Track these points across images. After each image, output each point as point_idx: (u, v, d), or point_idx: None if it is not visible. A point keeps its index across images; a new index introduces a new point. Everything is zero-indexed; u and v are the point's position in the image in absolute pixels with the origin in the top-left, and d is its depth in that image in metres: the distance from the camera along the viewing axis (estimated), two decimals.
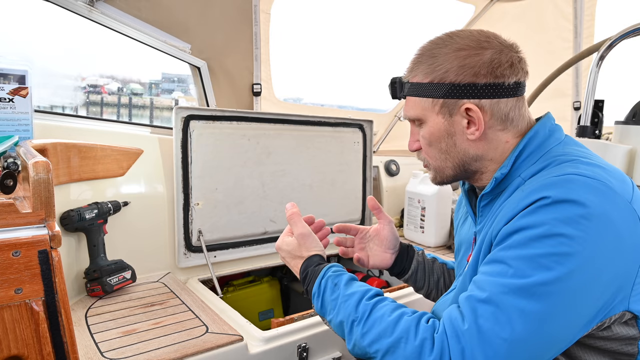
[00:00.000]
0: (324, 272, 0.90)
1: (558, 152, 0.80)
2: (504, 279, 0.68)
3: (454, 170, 0.87)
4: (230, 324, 1.25)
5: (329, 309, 0.86)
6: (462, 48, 0.81)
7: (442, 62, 0.82)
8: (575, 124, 1.64)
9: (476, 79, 0.80)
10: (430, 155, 0.89)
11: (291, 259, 0.98)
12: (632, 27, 1.42)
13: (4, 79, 1.16)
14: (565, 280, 0.65)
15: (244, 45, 2.02)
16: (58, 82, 13.22)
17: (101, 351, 1.09)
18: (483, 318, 0.67)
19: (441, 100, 0.82)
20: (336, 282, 0.87)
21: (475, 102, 0.81)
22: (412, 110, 0.88)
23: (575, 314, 0.68)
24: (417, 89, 0.85)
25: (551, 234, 0.66)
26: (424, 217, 2.16)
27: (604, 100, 1.54)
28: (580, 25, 2.83)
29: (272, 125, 1.84)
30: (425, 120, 0.86)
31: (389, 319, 0.76)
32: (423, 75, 0.84)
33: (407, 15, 3.05)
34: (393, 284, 2.05)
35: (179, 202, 1.64)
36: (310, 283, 0.91)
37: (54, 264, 0.74)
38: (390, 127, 2.63)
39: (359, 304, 0.80)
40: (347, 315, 0.81)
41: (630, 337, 0.73)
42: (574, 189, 0.68)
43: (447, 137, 0.85)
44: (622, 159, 1.36)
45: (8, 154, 1.07)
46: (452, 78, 0.81)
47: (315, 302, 0.89)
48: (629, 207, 0.70)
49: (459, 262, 1.02)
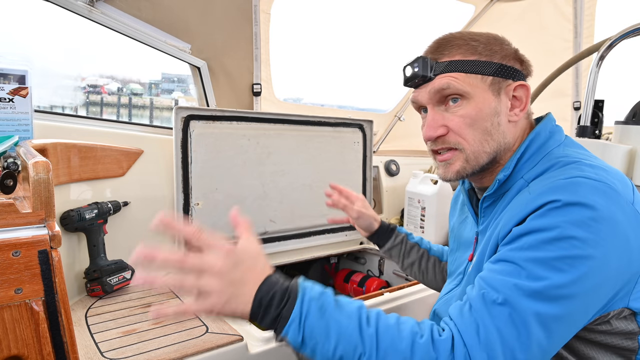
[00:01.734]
0: (302, 294, 0.68)
1: (559, 154, 0.81)
2: (518, 280, 0.68)
3: (489, 156, 0.83)
4: (230, 324, 1.25)
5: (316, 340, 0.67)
6: (495, 38, 0.85)
7: (486, 44, 0.83)
8: (575, 124, 1.64)
9: (515, 63, 0.85)
10: (469, 137, 0.82)
11: (241, 283, 0.67)
12: (632, 27, 1.42)
13: (4, 79, 1.16)
14: (579, 282, 0.66)
15: (244, 45, 2.02)
16: (58, 82, 13.23)
17: (101, 351, 1.09)
18: (501, 322, 0.66)
19: (491, 77, 0.82)
20: (321, 305, 0.68)
21: (523, 82, 0.84)
22: (455, 85, 0.81)
23: (585, 314, 0.69)
24: (463, 65, 0.81)
25: (563, 236, 0.66)
26: (424, 217, 2.16)
27: (604, 100, 1.54)
28: (580, 25, 2.83)
29: (272, 125, 1.84)
30: (472, 96, 0.81)
31: (402, 347, 0.67)
32: (466, 54, 0.82)
33: (407, 15, 3.05)
34: (393, 284, 2.05)
35: (179, 202, 1.64)
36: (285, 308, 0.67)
37: (54, 264, 0.74)
38: (390, 127, 2.63)
39: (362, 334, 0.67)
40: (351, 348, 0.67)
41: (630, 332, 0.74)
42: (582, 192, 0.68)
43: (494, 115, 0.82)
44: (622, 159, 1.36)
45: (8, 154, 1.07)
46: (499, 58, 0.83)
47: (295, 331, 0.67)
48: (632, 208, 0.71)
49: (456, 260, 1.02)
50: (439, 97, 0.84)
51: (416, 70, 0.83)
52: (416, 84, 0.86)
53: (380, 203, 2.42)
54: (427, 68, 0.83)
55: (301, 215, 1.96)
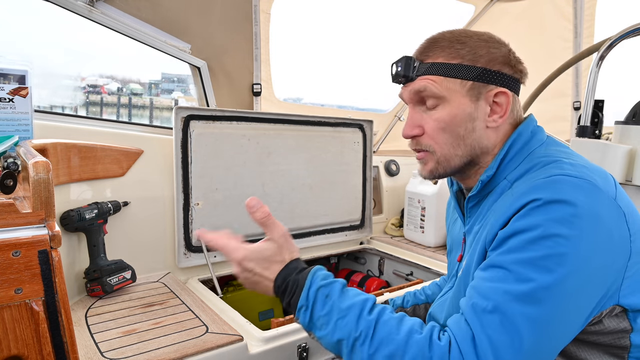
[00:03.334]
0: (310, 281, 0.78)
1: (541, 154, 0.81)
2: (506, 284, 0.68)
3: (462, 160, 0.85)
4: (230, 324, 1.25)
5: (320, 325, 0.76)
6: (486, 40, 0.83)
7: (472, 47, 0.82)
8: (575, 124, 1.64)
9: (503, 68, 0.82)
10: (440, 140, 0.84)
11: (265, 268, 0.81)
12: (632, 27, 1.42)
13: (4, 79, 1.16)
14: (567, 279, 0.66)
15: (244, 45, 2.02)
16: (58, 82, 13.24)
17: (101, 351, 1.09)
18: (491, 329, 0.67)
19: (470, 82, 0.81)
20: (327, 293, 0.77)
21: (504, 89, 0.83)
22: (431, 89, 0.82)
23: (577, 312, 0.69)
24: (443, 68, 0.82)
25: (547, 235, 0.67)
26: (424, 217, 2.16)
27: (604, 100, 1.54)
28: (580, 25, 2.83)
29: (272, 125, 1.84)
30: (448, 100, 0.82)
31: (398, 339, 0.70)
32: (449, 57, 0.82)
33: (407, 15, 3.05)
34: (393, 284, 2.05)
35: (179, 202, 1.64)
36: (294, 295, 0.79)
37: (54, 264, 0.74)
38: (390, 127, 2.63)
39: (359, 320, 0.73)
40: (346, 333, 0.73)
41: (621, 330, 0.74)
42: (562, 189, 0.69)
43: (469, 121, 0.82)
44: (622, 159, 1.36)
45: (8, 154, 1.07)
46: (483, 63, 0.82)
47: (302, 316, 0.78)
48: (614, 203, 0.71)
49: (451, 262, 1.03)
50: (418, 97, 0.86)
51: (399, 70, 0.85)
52: (400, 82, 0.88)
53: (380, 203, 2.42)
54: (409, 68, 0.85)
55: (301, 215, 1.96)
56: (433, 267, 1.90)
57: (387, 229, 2.40)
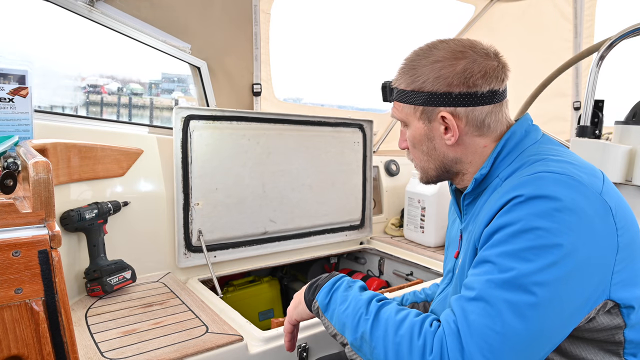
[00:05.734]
0: (340, 276, 0.95)
1: (532, 152, 0.84)
2: (490, 275, 0.71)
3: (437, 171, 0.93)
4: (230, 324, 1.25)
5: (339, 302, 0.88)
6: (438, 60, 0.86)
7: (421, 74, 0.87)
8: (575, 124, 1.64)
9: (450, 88, 0.85)
10: (415, 155, 0.95)
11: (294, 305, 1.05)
12: (632, 27, 1.42)
13: (4, 79, 1.16)
14: (548, 269, 0.68)
15: (244, 45, 2.02)
16: (58, 82, 13.22)
17: (101, 351, 1.09)
18: (474, 314, 0.70)
19: (421, 107, 0.88)
20: (350, 285, 0.91)
21: (451, 110, 0.86)
22: (397, 113, 0.94)
23: (563, 304, 0.69)
24: (401, 95, 0.91)
25: (528, 228, 0.70)
26: (424, 217, 2.16)
27: (604, 100, 1.54)
28: (580, 25, 2.83)
29: (272, 125, 1.84)
30: (408, 124, 0.93)
31: (396, 318, 0.78)
32: (406, 84, 0.89)
33: (407, 15, 3.05)
34: (393, 284, 2.05)
35: (179, 202, 1.64)
36: (323, 283, 0.94)
37: (54, 264, 0.74)
38: (390, 127, 2.63)
39: (370, 304, 0.84)
40: (357, 309, 0.84)
41: (615, 327, 0.75)
42: (544, 185, 0.72)
43: (428, 141, 0.91)
44: (622, 159, 1.36)
45: (8, 154, 1.07)
46: (429, 88, 0.86)
47: (324, 296, 0.91)
48: (599, 198, 0.73)
49: (447, 258, 1.06)
50: None
51: (382, 94, 0.97)
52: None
53: (380, 203, 2.42)
54: (386, 95, 0.96)
55: (301, 215, 1.96)
56: (433, 267, 1.90)
57: (387, 229, 2.40)
